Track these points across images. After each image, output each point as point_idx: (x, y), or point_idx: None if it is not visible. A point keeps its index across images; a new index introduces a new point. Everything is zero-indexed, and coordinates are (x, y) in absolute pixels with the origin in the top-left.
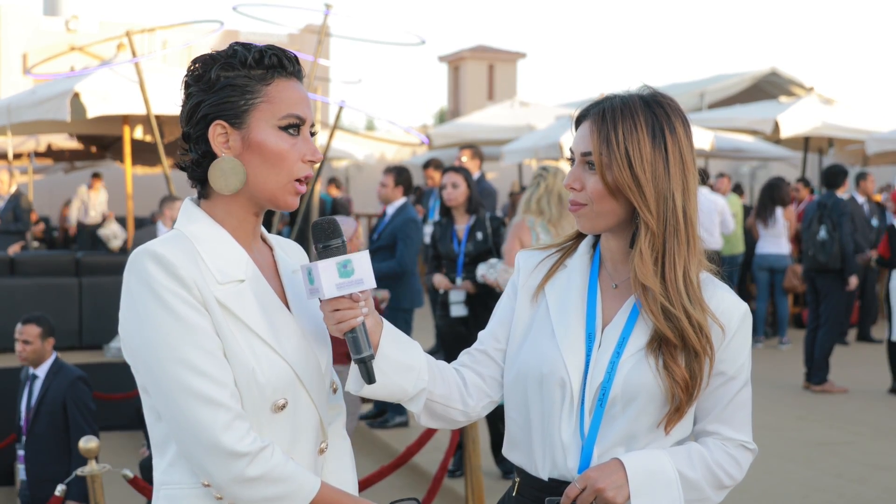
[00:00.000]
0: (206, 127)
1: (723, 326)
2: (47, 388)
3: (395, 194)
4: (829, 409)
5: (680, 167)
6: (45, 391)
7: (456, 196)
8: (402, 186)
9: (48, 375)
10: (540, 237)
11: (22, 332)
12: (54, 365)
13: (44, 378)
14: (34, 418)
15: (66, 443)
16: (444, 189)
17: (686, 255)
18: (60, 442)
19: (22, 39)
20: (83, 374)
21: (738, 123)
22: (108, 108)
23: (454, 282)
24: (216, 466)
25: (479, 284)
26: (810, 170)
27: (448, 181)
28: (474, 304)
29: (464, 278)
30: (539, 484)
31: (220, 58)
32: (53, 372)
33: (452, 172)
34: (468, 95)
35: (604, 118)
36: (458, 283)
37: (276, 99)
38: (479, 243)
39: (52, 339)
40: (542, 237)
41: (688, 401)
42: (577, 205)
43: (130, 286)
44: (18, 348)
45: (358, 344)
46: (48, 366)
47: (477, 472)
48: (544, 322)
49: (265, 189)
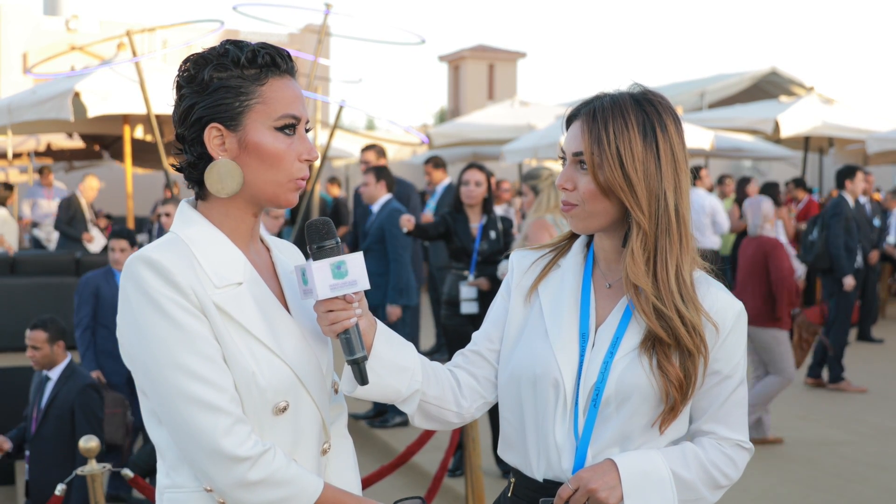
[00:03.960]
0: (202, 130)
1: (717, 325)
2: (58, 391)
3: (379, 191)
4: (830, 409)
5: (672, 166)
6: (55, 395)
7: (477, 194)
8: (384, 182)
9: (60, 379)
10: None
11: (30, 338)
12: (67, 369)
13: (56, 381)
14: (42, 420)
15: (71, 447)
16: (465, 186)
17: (679, 253)
18: (66, 446)
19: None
20: (94, 381)
21: (739, 123)
22: (109, 108)
23: (466, 278)
24: (218, 471)
25: (494, 281)
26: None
27: (472, 178)
28: (486, 302)
29: (476, 276)
30: (534, 484)
31: (211, 58)
32: (66, 376)
33: (477, 170)
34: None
35: (594, 117)
36: (469, 280)
37: (271, 99)
38: (493, 242)
39: (61, 343)
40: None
41: (682, 400)
42: (568, 205)
43: (128, 293)
44: (28, 354)
45: (351, 345)
46: (61, 369)
47: (477, 471)
48: (538, 322)
49: (264, 190)
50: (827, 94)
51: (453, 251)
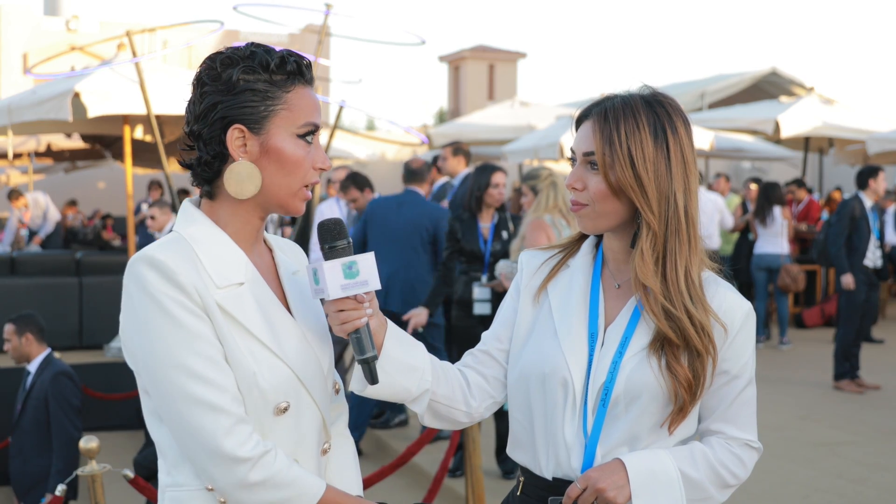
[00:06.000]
0: (224, 129)
1: (725, 325)
2: (34, 382)
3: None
4: (830, 409)
5: (682, 167)
6: (32, 386)
7: (503, 196)
8: (367, 189)
9: (37, 371)
10: (562, 234)
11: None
12: (44, 361)
13: (34, 374)
14: (21, 412)
15: (48, 437)
16: (494, 188)
17: (687, 254)
18: (43, 436)
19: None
20: (68, 370)
21: (739, 123)
22: (109, 108)
23: (479, 280)
24: (219, 471)
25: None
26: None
27: (500, 181)
28: (498, 304)
29: (489, 277)
30: (543, 483)
31: (238, 59)
32: (42, 368)
33: (502, 173)
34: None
35: (606, 118)
36: (483, 281)
37: (295, 107)
38: (505, 242)
39: (29, 335)
40: (564, 233)
41: (691, 401)
42: (578, 205)
43: (130, 292)
44: (4, 348)
45: (361, 344)
46: (38, 362)
47: (477, 471)
48: (547, 322)
49: (277, 195)
50: (827, 95)
51: (465, 255)
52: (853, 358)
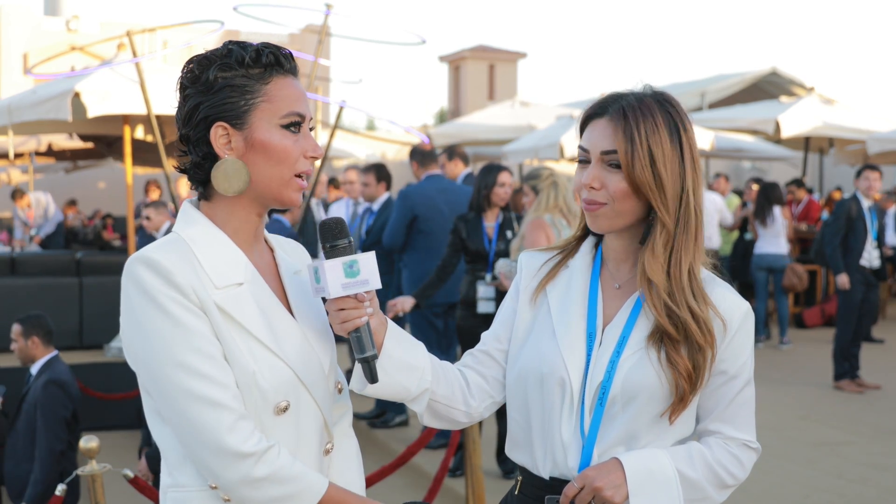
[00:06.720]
0: (207, 129)
1: (724, 321)
2: (31, 387)
3: (379, 191)
4: (830, 409)
5: (692, 165)
6: (28, 390)
7: (509, 196)
8: (384, 182)
9: (36, 375)
10: (562, 233)
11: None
12: (45, 365)
13: (34, 377)
14: (15, 414)
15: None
16: (501, 188)
17: (693, 251)
18: (33, 442)
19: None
20: (61, 378)
21: (739, 123)
22: (109, 108)
23: (483, 279)
24: (222, 468)
25: None
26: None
27: (506, 180)
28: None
29: (493, 276)
30: (541, 483)
31: (215, 58)
32: (41, 372)
33: (508, 173)
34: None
35: (625, 116)
36: (488, 280)
37: (276, 97)
38: (510, 242)
39: (35, 338)
40: (563, 233)
41: (692, 391)
42: (596, 204)
43: (128, 292)
44: (11, 347)
45: (362, 343)
46: (39, 365)
47: (477, 471)
48: (546, 322)
49: (269, 187)
50: (827, 95)
51: (469, 255)
52: (853, 358)
